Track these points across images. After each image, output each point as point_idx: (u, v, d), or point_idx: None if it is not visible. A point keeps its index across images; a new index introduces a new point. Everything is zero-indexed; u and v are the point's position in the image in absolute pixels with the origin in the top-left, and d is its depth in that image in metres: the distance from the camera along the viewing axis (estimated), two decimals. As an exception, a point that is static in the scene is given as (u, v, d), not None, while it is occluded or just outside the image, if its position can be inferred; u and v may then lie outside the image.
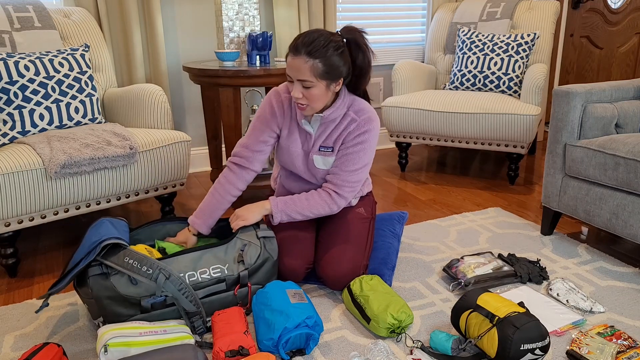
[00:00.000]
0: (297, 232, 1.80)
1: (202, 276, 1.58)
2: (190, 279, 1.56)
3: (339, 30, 1.67)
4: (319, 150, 1.76)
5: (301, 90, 1.61)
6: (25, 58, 2.08)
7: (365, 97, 1.80)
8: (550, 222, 2.19)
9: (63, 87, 2.13)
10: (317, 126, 1.75)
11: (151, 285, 1.48)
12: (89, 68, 2.26)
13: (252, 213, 1.73)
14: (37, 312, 1.49)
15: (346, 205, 1.88)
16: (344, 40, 1.64)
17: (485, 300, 1.44)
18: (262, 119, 1.78)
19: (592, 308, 1.64)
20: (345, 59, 1.62)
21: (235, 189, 1.79)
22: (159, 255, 1.68)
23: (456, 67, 3.11)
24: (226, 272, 1.61)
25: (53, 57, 2.15)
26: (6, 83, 2.00)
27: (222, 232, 1.88)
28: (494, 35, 3.04)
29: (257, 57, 2.58)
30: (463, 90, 3.08)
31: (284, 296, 1.51)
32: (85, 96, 2.20)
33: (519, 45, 2.94)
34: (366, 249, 1.79)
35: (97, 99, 2.26)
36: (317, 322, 1.46)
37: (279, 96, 1.78)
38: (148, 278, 1.47)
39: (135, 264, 1.47)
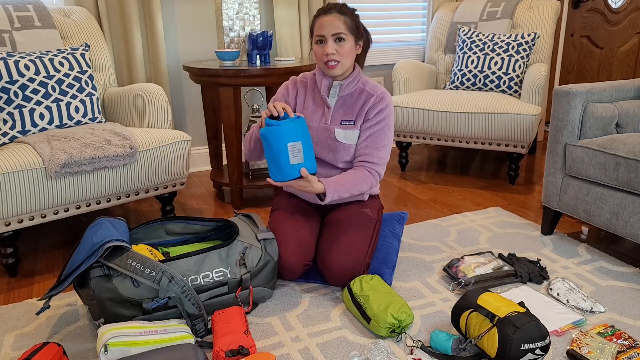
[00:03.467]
0: (297, 227, 1.80)
1: (204, 280, 1.58)
2: (193, 283, 1.56)
3: None
4: (341, 123, 1.83)
5: (334, 46, 1.72)
6: (25, 57, 2.08)
7: None
8: (550, 221, 2.19)
9: (63, 87, 2.13)
10: (336, 100, 1.83)
11: (153, 287, 1.48)
12: (89, 67, 2.26)
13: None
14: (37, 313, 1.48)
15: (360, 198, 1.92)
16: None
17: (485, 300, 1.44)
18: (275, 99, 1.92)
19: (592, 308, 1.64)
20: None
21: None
22: (161, 256, 1.68)
23: (456, 67, 3.11)
24: (229, 275, 1.61)
25: (53, 57, 2.15)
26: (6, 82, 2.00)
27: (222, 232, 1.88)
28: (494, 35, 3.04)
29: (257, 56, 2.58)
30: (463, 89, 3.08)
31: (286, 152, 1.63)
32: (86, 95, 2.20)
33: (519, 44, 2.94)
34: (369, 248, 1.79)
35: (97, 99, 2.25)
36: None
37: (294, 80, 1.92)
38: (151, 280, 1.47)
39: (138, 266, 1.47)
